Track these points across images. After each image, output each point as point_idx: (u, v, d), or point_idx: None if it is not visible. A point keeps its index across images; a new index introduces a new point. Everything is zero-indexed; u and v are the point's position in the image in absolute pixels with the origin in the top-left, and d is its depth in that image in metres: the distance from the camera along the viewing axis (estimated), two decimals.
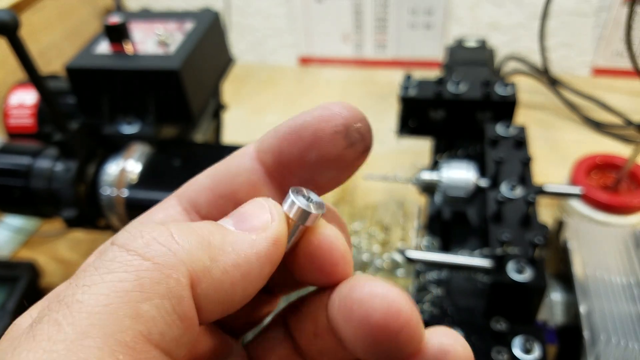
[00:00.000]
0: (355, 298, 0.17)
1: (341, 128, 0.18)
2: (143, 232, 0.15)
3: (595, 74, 0.94)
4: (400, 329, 0.16)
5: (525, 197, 0.47)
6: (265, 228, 0.17)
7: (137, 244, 0.15)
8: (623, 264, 0.49)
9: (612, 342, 0.43)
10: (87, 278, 0.14)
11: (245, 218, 0.18)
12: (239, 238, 0.17)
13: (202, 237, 0.16)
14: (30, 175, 0.53)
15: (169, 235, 0.15)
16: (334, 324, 0.17)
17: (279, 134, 0.19)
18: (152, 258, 0.15)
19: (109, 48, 0.55)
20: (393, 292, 0.16)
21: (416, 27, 0.96)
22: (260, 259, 0.17)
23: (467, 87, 0.59)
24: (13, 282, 0.63)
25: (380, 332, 0.16)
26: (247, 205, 0.18)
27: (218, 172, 0.20)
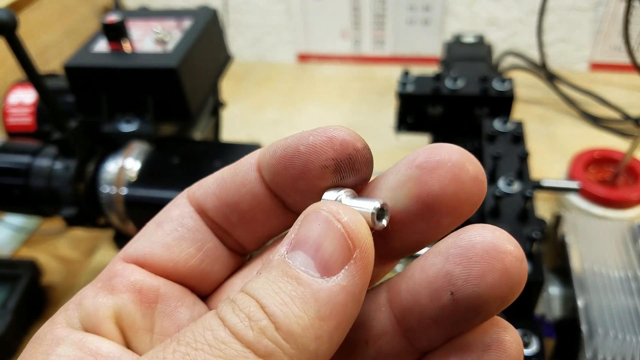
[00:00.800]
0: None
1: (330, 162, 0.18)
2: (251, 320, 0.15)
3: (593, 69, 0.94)
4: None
5: (522, 192, 0.47)
6: (350, 258, 0.16)
7: (248, 336, 0.15)
8: (620, 257, 0.49)
9: (609, 335, 0.43)
10: (199, 353, 0.14)
11: (326, 257, 0.16)
12: (330, 292, 0.15)
13: (299, 316, 0.15)
14: (29, 174, 0.54)
15: (273, 328, 0.15)
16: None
17: (276, 155, 0.19)
18: (264, 356, 0.15)
19: (107, 46, 0.55)
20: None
21: (414, 23, 0.96)
22: (355, 298, 0.16)
23: (465, 82, 0.59)
24: (14, 281, 0.64)
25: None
26: (318, 230, 0.16)
27: (225, 180, 0.20)
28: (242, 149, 0.54)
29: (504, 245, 0.16)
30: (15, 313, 0.61)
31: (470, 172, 0.17)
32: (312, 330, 0.15)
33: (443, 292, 0.16)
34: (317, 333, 0.15)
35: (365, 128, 0.87)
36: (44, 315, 0.66)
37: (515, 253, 0.16)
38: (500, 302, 0.16)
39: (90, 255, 0.73)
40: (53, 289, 0.69)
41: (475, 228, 0.16)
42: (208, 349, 0.15)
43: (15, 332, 0.62)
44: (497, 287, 0.15)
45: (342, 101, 0.95)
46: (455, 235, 0.17)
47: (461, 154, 0.17)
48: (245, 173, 0.20)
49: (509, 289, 0.16)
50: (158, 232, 0.21)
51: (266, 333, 0.15)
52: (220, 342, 0.15)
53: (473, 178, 0.17)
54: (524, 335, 0.40)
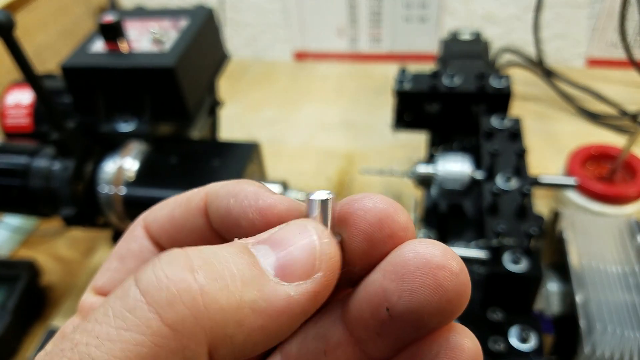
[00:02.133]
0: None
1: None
2: (169, 280, 0.14)
3: (590, 65, 0.94)
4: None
5: (520, 188, 0.47)
6: (309, 275, 0.16)
7: (159, 297, 0.14)
8: (618, 253, 0.50)
9: (608, 330, 0.43)
10: (103, 326, 0.14)
11: (289, 260, 0.16)
12: (275, 293, 0.15)
13: (233, 293, 0.15)
14: (28, 174, 0.54)
15: (196, 291, 0.14)
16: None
17: (220, 212, 0.19)
18: (171, 324, 0.14)
19: (103, 46, 0.55)
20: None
21: (411, 21, 0.96)
22: (292, 317, 0.16)
23: (462, 80, 0.59)
24: (13, 281, 0.64)
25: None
26: (295, 237, 0.17)
27: (176, 220, 0.20)
28: (239, 147, 0.54)
29: (437, 260, 0.16)
30: (14, 313, 0.61)
31: (398, 216, 0.17)
32: (238, 313, 0.15)
33: (381, 307, 0.16)
34: (242, 319, 0.15)
35: (362, 126, 0.87)
36: (43, 316, 0.66)
37: (450, 267, 0.16)
38: (439, 316, 0.16)
39: (89, 255, 0.73)
40: (52, 289, 0.69)
41: (410, 244, 0.16)
42: (112, 320, 0.14)
43: (14, 333, 0.62)
44: (431, 302, 0.15)
45: (339, 99, 0.95)
46: (394, 251, 0.17)
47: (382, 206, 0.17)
48: (195, 218, 0.20)
49: (446, 303, 0.15)
50: (121, 270, 0.21)
51: (183, 295, 0.14)
52: (125, 311, 0.14)
53: (388, 236, 0.17)
54: (522, 331, 0.40)
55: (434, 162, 0.54)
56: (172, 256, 0.15)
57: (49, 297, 0.68)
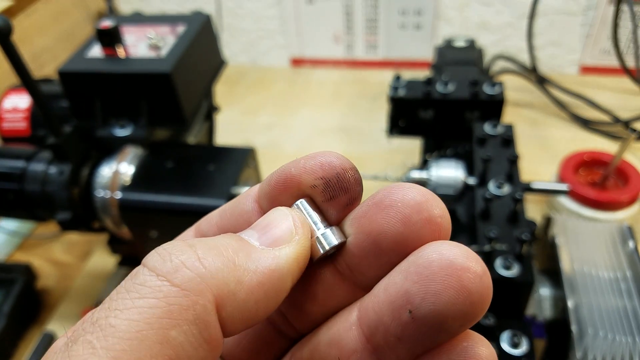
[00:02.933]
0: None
1: (319, 182, 0.19)
2: (172, 255, 0.16)
3: (583, 72, 0.95)
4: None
5: (512, 194, 0.48)
6: (289, 240, 0.18)
7: (166, 268, 0.16)
8: (610, 258, 0.50)
9: (599, 335, 0.43)
10: (119, 301, 0.15)
11: (268, 230, 0.18)
12: (262, 255, 0.17)
13: (227, 258, 0.17)
14: (24, 178, 0.54)
15: (195, 258, 0.16)
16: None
17: (272, 182, 0.20)
18: (180, 284, 0.15)
19: (101, 52, 0.55)
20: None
21: (406, 28, 0.97)
22: (282, 275, 0.17)
23: (456, 87, 0.60)
24: (9, 285, 0.64)
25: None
26: (271, 215, 0.19)
27: (225, 211, 0.22)
28: (236, 152, 0.55)
29: (461, 262, 0.16)
30: (10, 317, 0.61)
31: (424, 215, 0.17)
32: (235, 271, 0.16)
33: (403, 310, 0.16)
34: (239, 277, 0.16)
35: (358, 131, 0.88)
36: (38, 320, 0.66)
37: (474, 269, 0.16)
38: (461, 319, 0.16)
39: (85, 259, 0.73)
40: (48, 293, 0.69)
41: (434, 245, 0.17)
42: (126, 294, 0.15)
43: (10, 337, 0.62)
44: (455, 304, 0.15)
45: (335, 105, 0.95)
46: (416, 252, 0.17)
47: (418, 194, 0.18)
48: (244, 204, 0.21)
49: (470, 306, 0.16)
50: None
51: (186, 262, 0.16)
52: (138, 285, 0.15)
53: (426, 220, 0.17)
54: (514, 336, 0.40)
55: (427, 168, 0.54)
56: (173, 242, 0.17)
57: (44, 301, 0.68)
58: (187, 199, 0.50)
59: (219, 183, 0.50)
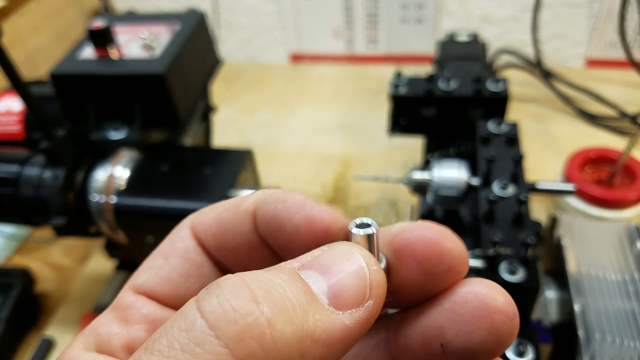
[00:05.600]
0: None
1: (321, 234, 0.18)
2: (237, 312, 0.14)
3: (589, 66, 0.93)
4: None
5: (517, 195, 0.46)
6: (361, 302, 0.16)
7: (229, 332, 0.14)
8: (617, 260, 0.49)
9: (607, 340, 0.42)
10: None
11: (341, 287, 0.16)
12: (332, 323, 0.15)
13: (297, 325, 0.15)
14: (18, 183, 0.53)
15: (264, 323, 0.14)
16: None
17: (267, 219, 0.19)
18: (243, 359, 0.14)
19: (93, 53, 0.54)
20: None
21: (407, 22, 0.95)
22: (347, 344, 0.16)
23: (458, 83, 0.58)
24: (6, 290, 0.63)
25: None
26: (344, 263, 0.16)
27: (224, 224, 0.20)
28: (232, 155, 0.53)
29: (494, 304, 0.16)
30: (8, 322, 0.60)
31: (457, 250, 0.18)
32: (301, 344, 0.14)
33: (434, 342, 0.17)
34: (304, 351, 0.14)
35: (358, 129, 0.86)
36: (37, 324, 0.65)
37: (507, 312, 0.16)
38: (489, 354, 0.17)
39: (84, 263, 0.72)
40: (46, 297, 0.68)
41: (471, 283, 0.17)
42: (180, 354, 0.14)
43: (8, 342, 0.61)
44: (486, 343, 0.16)
45: (336, 102, 0.94)
46: (452, 290, 0.17)
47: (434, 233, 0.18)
48: (243, 222, 0.20)
49: (498, 345, 0.16)
50: (165, 267, 0.21)
51: (253, 330, 0.14)
52: (195, 345, 0.14)
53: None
54: (519, 344, 0.39)
55: (429, 169, 0.53)
56: (233, 285, 0.15)
57: (43, 306, 0.67)
58: (184, 203, 0.49)
59: (216, 186, 0.49)
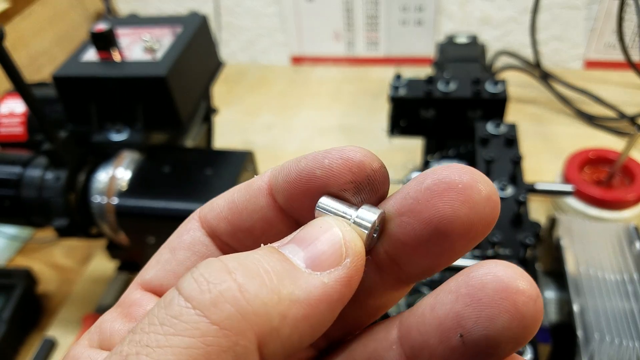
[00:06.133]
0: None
1: (349, 186, 0.18)
2: (210, 283, 0.14)
3: (588, 67, 0.93)
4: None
5: (516, 196, 0.47)
6: (339, 261, 0.16)
7: (204, 300, 0.14)
8: (616, 260, 0.49)
9: (606, 340, 0.43)
10: (151, 335, 0.14)
11: (315, 248, 0.16)
12: (310, 282, 0.15)
13: (271, 288, 0.15)
14: (20, 184, 0.53)
15: (236, 289, 0.14)
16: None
17: (290, 179, 0.18)
18: (219, 322, 0.14)
19: (96, 55, 0.54)
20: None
21: (407, 24, 0.96)
22: (331, 304, 0.16)
23: (457, 85, 0.59)
24: (9, 290, 0.63)
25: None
26: (316, 228, 0.17)
27: (236, 204, 0.20)
28: (233, 156, 0.54)
29: (516, 285, 0.15)
30: (10, 323, 0.61)
31: (483, 193, 0.16)
32: (279, 305, 0.15)
33: (452, 333, 0.16)
34: (284, 311, 0.15)
35: (358, 130, 0.87)
36: (39, 325, 0.65)
37: (529, 292, 0.15)
38: (513, 343, 0.15)
39: (86, 263, 0.72)
40: (48, 297, 0.69)
41: (487, 265, 0.16)
42: (159, 328, 0.14)
43: (11, 343, 0.62)
44: (509, 329, 0.15)
45: (336, 103, 0.94)
46: (467, 272, 0.16)
47: (472, 174, 0.16)
48: (257, 198, 0.19)
49: (523, 330, 0.15)
50: (172, 261, 0.21)
51: (226, 295, 0.14)
52: (172, 318, 0.14)
53: (486, 199, 0.16)
54: None
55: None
56: (208, 262, 0.15)
57: (45, 306, 0.67)
58: (185, 204, 0.49)
59: (217, 188, 0.50)
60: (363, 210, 0.17)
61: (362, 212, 0.17)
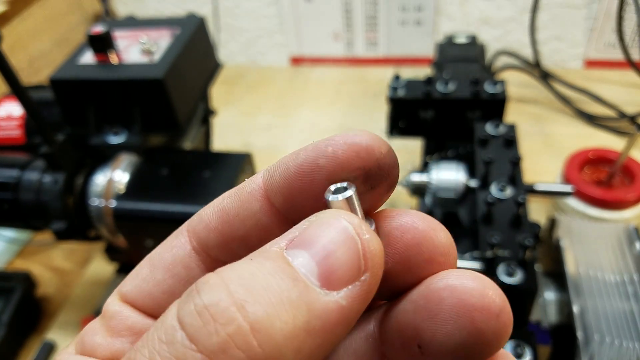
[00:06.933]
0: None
1: (358, 172, 0.16)
2: (217, 321, 0.13)
3: (588, 66, 0.93)
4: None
5: (515, 197, 0.46)
6: (357, 277, 0.14)
7: (210, 345, 0.13)
8: (616, 261, 0.49)
9: (606, 341, 0.42)
10: None
11: (333, 267, 0.14)
12: (327, 307, 0.14)
13: (286, 321, 0.13)
14: (18, 188, 0.53)
15: (248, 332, 0.13)
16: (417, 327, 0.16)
17: (289, 174, 0.17)
18: None
19: (93, 58, 0.54)
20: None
21: (407, 24, 0.96)
22: (347, 325, 0.14)
23: (456, 86, 0.59)
24: (8, 294, 0.63)
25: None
26: (329, 232, 0.15)
27: (227, 213, 0.18)
28: (232, 158, 0.54)
29: (474, 302, 0.14)
30: (9, 326, 0.61)
31: (439, 238, 0.16)
32: (294, 341, 0.13)
33: (412, 342, 0.15)
34: (299, 346, 0.13)
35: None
36: (38, 328, 0.65)
37: (489, 308, 0.14)
38: (475, 357, 0.15)
39: (85, 266, 0.72)
40: (48, 300, 0.68)
41: (447, 277, 0.15)
42: None
43: (10, 346, 0.62)
44: (466, 346, 0.14)
45: (336, 104, 0.94)
46: (427, 283, 0.15)
47: (424, 222, 0.16)
48: (250, 203, 0.18)
49: (483, 346, 0.14)
50: (149, 281, 0.19)
51: (236, 339, 0.13)
52: (176, 359, 0.13)
53: (443, 244, 0.16)
54: (517, 347, 0.39)
55: (427, 171, 0.53)
56: (211, 288, 0.13)
57: (44, 309, 0.67)
58: (183, 207, 0.49)
59: (215, 190, 0.49)
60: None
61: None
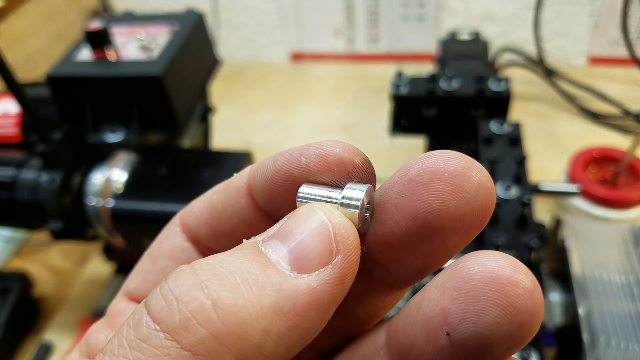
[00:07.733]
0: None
1: (331, 185, 0.16)
2: (180, 301, 0.13)
3: (592, 63, 0.92)
4: None
5: (520, 197, 0.46)
6: (329, 259, 0.14)
7: (173, 322, 0.13)
8: (622, 262, 0.48)
9: (612, 344, 0.42)
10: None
11: (302, 250, 0.14)
12: (296, 289, 0.14)
13: (250, 300, 0.13)
14: (15, 187, 0.52)
15: (210, 307, 0.13)
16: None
17: (267, 179, 0.17)
18: (191, 348, 0.13)
19: (90, 54, 0.53)
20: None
21: (409, 20, 0.94)
22: (321, 309, 0.14)
23: (460, 83, 0.58)
24: (5, 293, 0.63)
25: None
26: (303, 222, 0.15)
27: (215, 207, 0.19)
28: (231, 157, 0.53)
29: (508, 275, 0.13)
30: (6, 327, 0.60)
31: (474, 181, 0.14)
32: (261, 320, 0.13)
33: (439, 332, 0.14)
34: (266, 326, 0.13)
35: (359, 128, 0.86)
36: (35, 328, 0.64)
37: (524, 283, 0.13)
38: (508, 342, 0.13)
39: (82, 266, 0.71)
40: (45, 300, 0.68)
41: (476, 255, 0.14)
42: (128, 352, 0.13)
43: (6, 347, 0.61)
44: (501, 325, 0.13)
45: (337, 101, 0.93)
46: (455, 264, 0.14)
47: (460, 160, 0.15)
48: (236, 200, 0.18)
49: (518, 327, 0.13)
50: (153, 271, 0.20)
51: (197, 315, 0.13)
52: (140, 341, 0.13)
53: (477, 187, 0.14)
54: (523, 350, 0.38)
55: None
56: (178, 274, 0.14)
57: (41, 309, 0.67)
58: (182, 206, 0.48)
59: None
60: (348, 189, 0.16)
61: (348, 191, 0.15)
